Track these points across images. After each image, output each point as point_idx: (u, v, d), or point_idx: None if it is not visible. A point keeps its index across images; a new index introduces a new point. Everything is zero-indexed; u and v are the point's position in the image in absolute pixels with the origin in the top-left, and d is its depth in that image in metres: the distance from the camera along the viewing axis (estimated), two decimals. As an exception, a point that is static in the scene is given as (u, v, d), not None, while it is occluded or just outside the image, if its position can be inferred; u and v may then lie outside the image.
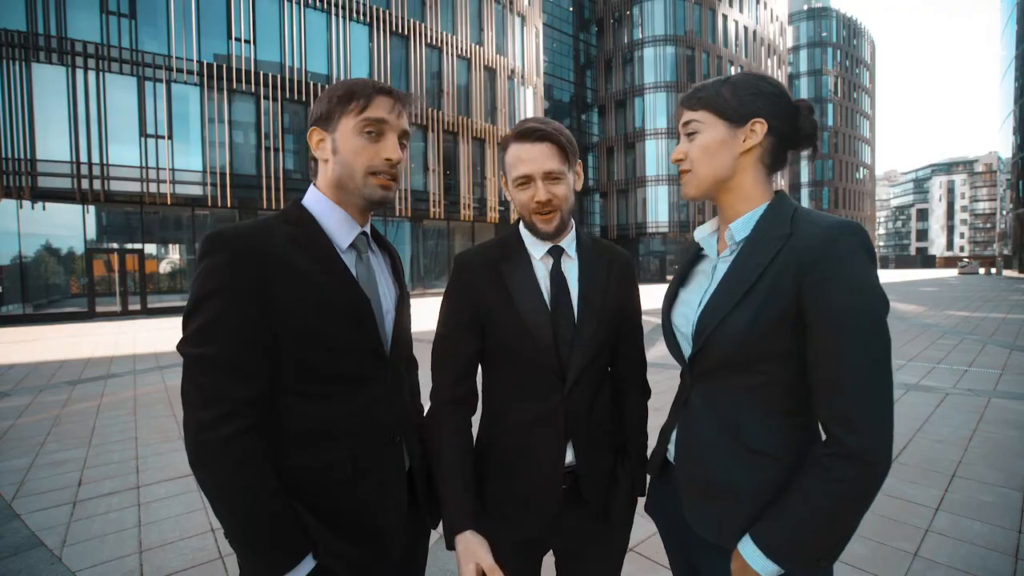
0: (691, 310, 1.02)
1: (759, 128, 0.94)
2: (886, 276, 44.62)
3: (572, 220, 1.20)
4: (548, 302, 1.14)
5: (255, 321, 0.90)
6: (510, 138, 1.14)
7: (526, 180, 1.12)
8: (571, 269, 1.19)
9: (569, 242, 1.20)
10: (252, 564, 0.89)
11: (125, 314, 16.48)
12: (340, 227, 1.05)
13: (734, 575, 0.91)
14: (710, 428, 0.97)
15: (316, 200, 1.05)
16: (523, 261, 1.17)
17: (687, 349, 1.02)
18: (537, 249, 1.18)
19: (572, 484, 1.15)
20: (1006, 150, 44.73)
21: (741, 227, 0.97)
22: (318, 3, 19.44)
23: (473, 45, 24.45)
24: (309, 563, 0.93)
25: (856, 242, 0.84)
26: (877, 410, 0.80)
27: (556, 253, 1.18)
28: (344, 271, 1.02)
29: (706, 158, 0.97)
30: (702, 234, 1.09)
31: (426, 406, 1.22)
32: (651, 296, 21.25)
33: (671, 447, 1.08)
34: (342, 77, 19.87)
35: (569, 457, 1.15)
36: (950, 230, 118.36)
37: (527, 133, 1.11)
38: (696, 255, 1.12)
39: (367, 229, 1.13)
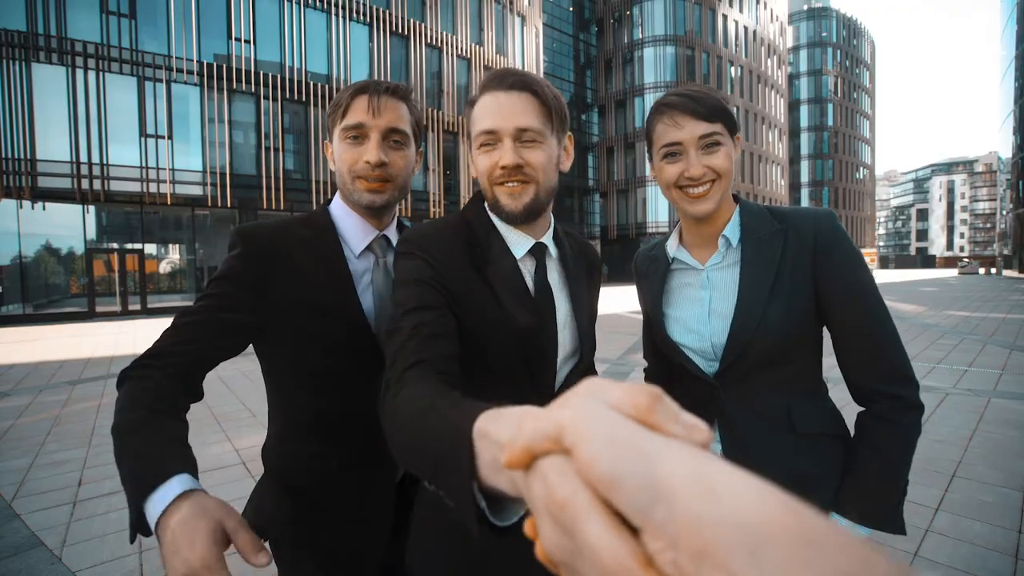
0: (700, 324, 1.01)
1: (739, 140, 1.02)
2: (886, 276, 44.63)
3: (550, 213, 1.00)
4: (536, 309, 0.94)
5: (243, 311, 0.94)
6: (478, 91, 0.91)
7: (491, 138, 0.86)
8: (554, 272, 0.98)
9: (550, 239, 0.99)
10: (130, 506, 0.69)
11: (125, 314, 16.48)
12: (355, 232, 1.06)
13: None
14: (763, 429, 0.97)
15: (337, 206, 1.09)
16: (503, 252, 0.92)
17: (707, 363, 1.01)
18: (517, 246, 0.93)
19: None
20: (1006, 150, 44.73)
21: (732, 232, 1.01)
22: (318, 3, 19.44)
23: (473, 45, 24.45)
24: (176, 485, 0.67)
25: (840, 225, 0.98)
26: (909, 362, 0.94)
27: (539, 253, 0.95)
28: (344, 277, 1.02)
29: (730, 170, 0.97)
30: (673, 248, 1.09)
31: None
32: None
33: None
34: (342, 77, 19.88)
35: None
36: (950, 230, 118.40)
37: (499, 79, 0.87)
38: (666, 271, 1.10)
39: (388, 232, 1.10)
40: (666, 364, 1.21)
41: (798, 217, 0.99)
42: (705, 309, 1.01)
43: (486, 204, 0.95)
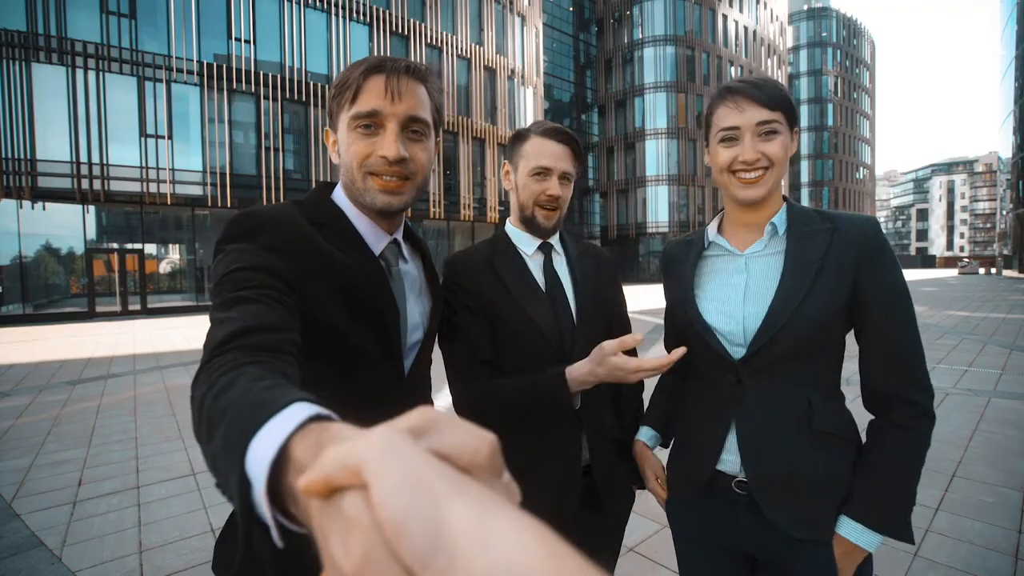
0: (733, 306, 1.02)
1: (797, 134, 1.03)
2: (886, 276, 44.55)
3: None
4: (545, 294, 1.20)
5: (289, 302, 0.74)
6: (533, 132, 1.21)
7: (545, 172, 1.18)
8: (560, 264, 1.27)
9: (555, 240, 1.28)
10: (222, 476, 0.42)
11: (125, 314, 16.47)
12: (367, 237, 0.92)
13: (840, 560, 0.94)
14: (780, 423, 0.97)
15: (342, 202, 0.94)
16: (514, 256, 1.23)
17: (733, 348, 1.01)
18: (528, 246, 1.24)
19: (587, 482, 1.17)
20: (1006, 150, 44.72)
21: (780, 221, 1.04)
22: (318, 3, 19.43)
23: (473, 45, 24.44)
24: (297, 412, 0.40)
25: (884, 233, 0.99)
26: (927, 372, 0.96)
27: (546, 249, 1.25)
28: (379, 267, 0.91)
29: (784, 160, 0.99)
30: (712, 233, 1.12)
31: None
32: (653, 295, 21.22)
33: (730, 456, 1.02)
34: (342, 77, 19.85)
35: (585, 453, 1.17)
36: (950, 230, 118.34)
37: (555, 131, 1.20)
38: (699, 255, 1.11)
39: (399, 235, 0.98)
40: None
41: (846, 221, 1.00)
42: (740, 292, 1.02)
43: (511, 222, 1.27)
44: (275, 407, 0.38)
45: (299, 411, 0.36)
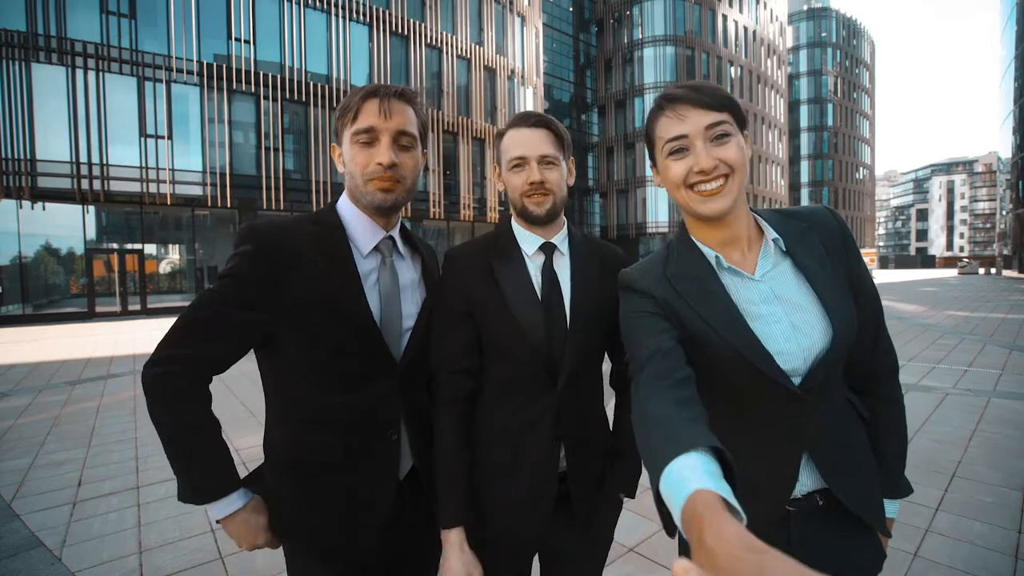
0: (787, 340, 0.88)
1: (748, 138, 0.92)
2: (886, 276, 44.64)
3: (564, 217, 1.23)
4: (540, 299, 1.13)
5: (255, 309, 0.98)
6: (508, 127, 1.19)
7: (521, 162, 1.14)
8: (563, 266, 1.19)
9: (561, 239, 1.20)
10: (182, 487, 0.99)
11: (125, 314, 16.47)
12: (363, 233, 1.10)
13: (883, 537, 0.99)
14: (847, 432, 0.95)
15: (345, 206, 1.12)
16: (515, 257, 1.17)
17: (793, 377, 0.88)
18: (529, 245, 1.17)
19: (564, 489, 1.14)
20: (1006, 150, 44.69)
21: (769, 232, 0.93)
22: (318, 3, 19.43)
23: (473, 45, 24.44)
24: (237, 500, 1.01)
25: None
26: (889, 335, 1.04)
27: (548, 250, 1.18)
28: (353, 277, 1.05)
29: (744, 165, 0.87)
30: (712, 255, 0.94)
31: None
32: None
33: (806, 479, 0.92)
34: (342, 77, 19.87)
35: (561, 462, 1.14)
36: (950, 230, 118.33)
37: (524, 118, 1.17)
38: (720, 283, 0.92)
39: (395, 232, 1.15)
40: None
41: (814, 217, 0.96)
42: (785, 322, 0.88)
43: (514, 218, 1.21)
44: (224, 491, 1.03)
45: (236, 501, 1.05)
